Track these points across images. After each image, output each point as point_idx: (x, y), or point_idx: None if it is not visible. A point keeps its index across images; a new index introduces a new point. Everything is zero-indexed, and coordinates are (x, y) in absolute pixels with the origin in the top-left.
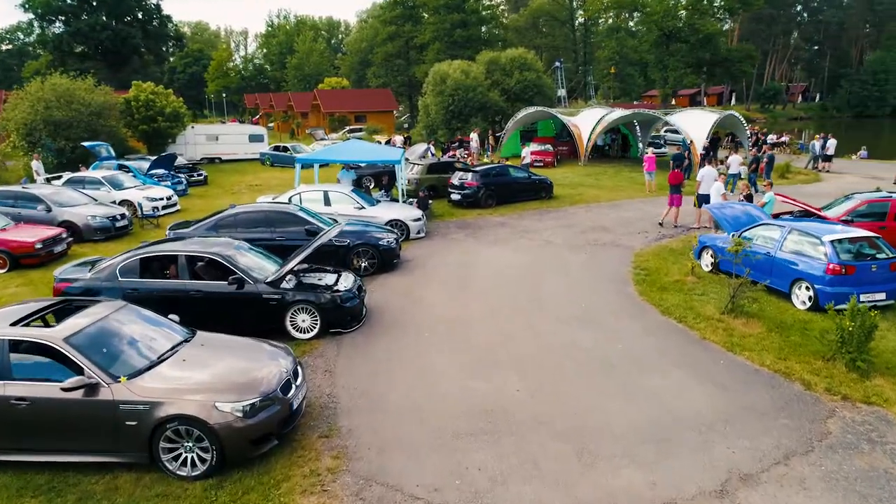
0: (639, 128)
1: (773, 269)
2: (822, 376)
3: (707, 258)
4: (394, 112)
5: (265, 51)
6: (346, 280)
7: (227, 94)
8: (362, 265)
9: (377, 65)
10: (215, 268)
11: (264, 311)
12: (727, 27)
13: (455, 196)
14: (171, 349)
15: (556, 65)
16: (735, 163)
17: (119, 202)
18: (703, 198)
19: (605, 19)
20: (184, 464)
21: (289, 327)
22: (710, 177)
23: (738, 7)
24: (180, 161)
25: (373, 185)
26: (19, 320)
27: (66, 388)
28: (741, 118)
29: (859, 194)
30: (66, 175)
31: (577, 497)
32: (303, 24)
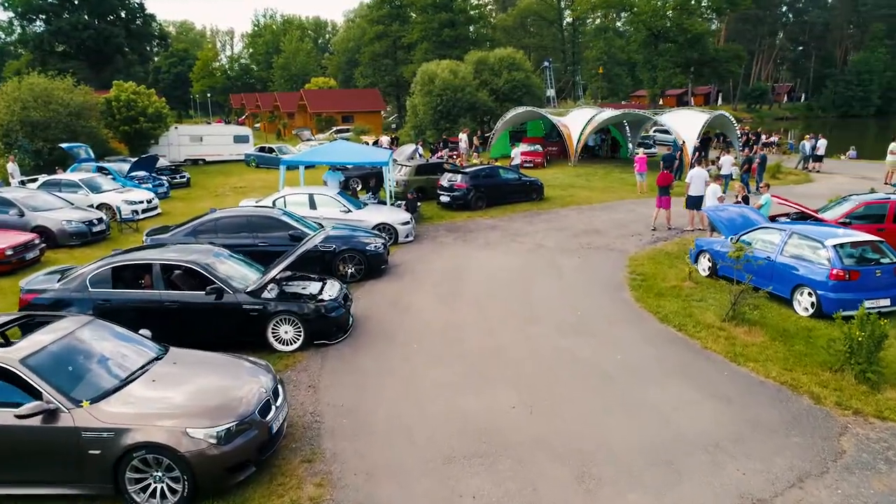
0: (628, 128)
1: (773, 274)
2: (830, 389)
3: (704, 262)
4: (382, 112)
5: (251, 50)
6: (332, 288)
7: (212, 95)
8: (349, 271)
9: (364, 64)
10: (193, 277)
11: (245, 323)
12: (714, 27)
13: (444, 198)
14: (141, 368)
15: (545, 64)
16: (727, 163)
17: (97, 206)
18: (692, 200)
19: (592, 19)
20: (153, 495)
21: (271, 339)
22: (700, 178)
23: (725, 7)
24: (162, 163)
25: (360, 188)
26: None
27: (20, 414)
28: (731, 118)
29: (856, 196)
30: (42, 178)
31: None
32: (289, 24)
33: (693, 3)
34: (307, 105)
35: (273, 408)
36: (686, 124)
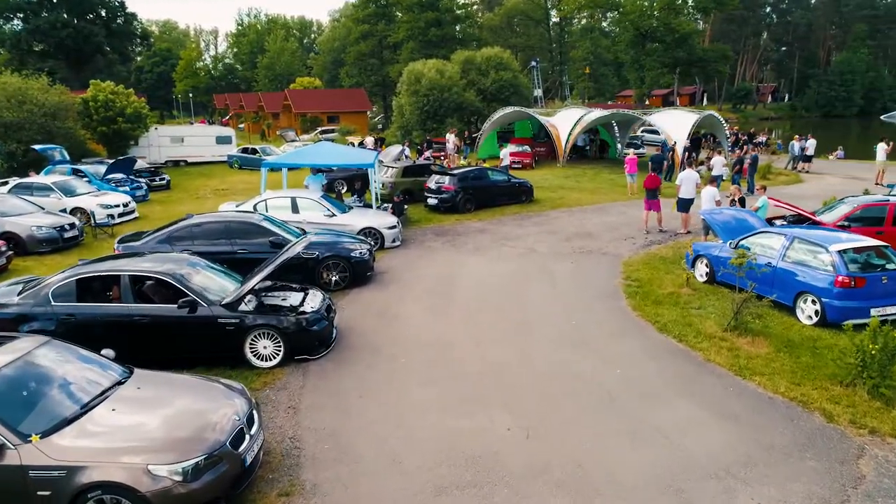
0: (617, 128)
1: (774, 280)
2: (843, 405)
3: (702, 268)
4: (368, 112)
5: (235, 50)
6: (314, 299)
7: (196, 95)
8: (333, 279)
9: (350, 64)
10: (166, 288)
11: (220, 338)
12: (699, 27)
13: (432, 200)
14: (101, 395)
15: (533, 64)
16: (718, 164)
17: (70, 210)
18: (683, 202)
19: (578, 19)
20: None
21: (248, 355)
22: (691, 180)
23: (712, 7)
24: (141, 164)
25: (345, 190)
26: None
27: None
28: (720, 118)
29: (852, 197)
30: (13, 181)
31: None
32: (274, 24)
33: (679, 2)
34: (292, 105)
35: (247, 437)
36: (675, 124)
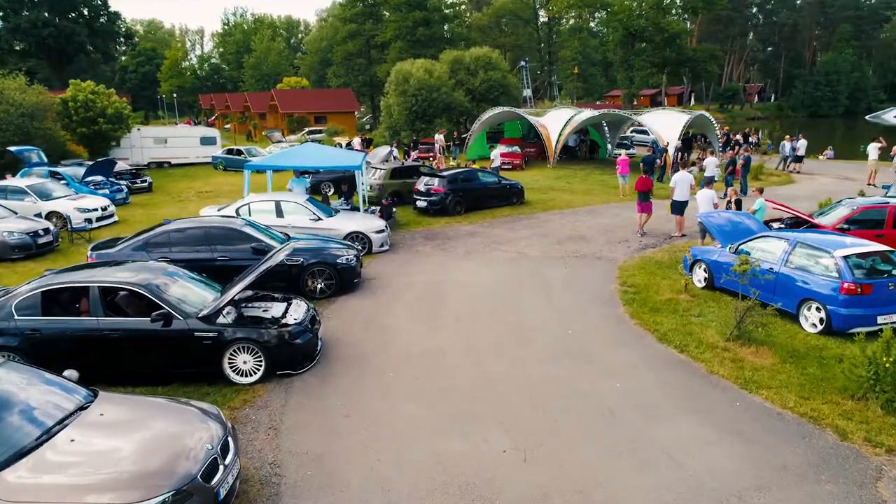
0: (607, 128)
1: (776, 287)
2: (856, 421)
3: (700, 273)
4: (355, 113)
5: (221, 50)
6: (297, 310)
7: (181, 95)
8: (318, 287)
9: (337, 64)
10: (140, 299)
11: (197, 353)
12: (687, 28)
13: (421, 203)
14: (60, 423)
15: (522, 64)
16: (711, 165)
17: (46, 215)
18: (677, 205)
19: (566, 19)
20: None
21: (227, 370)
22: (686, 182)
23: (701, 6)
24: (122, 166)
25: (332, 192)
26: None
27: None
28: (711, 118)
29: (849, 199)
30: None
31: None
32: (260, 23)
33: (668, 1)
34: (278, 105)
35: (221, 467)
36: (666, 125)
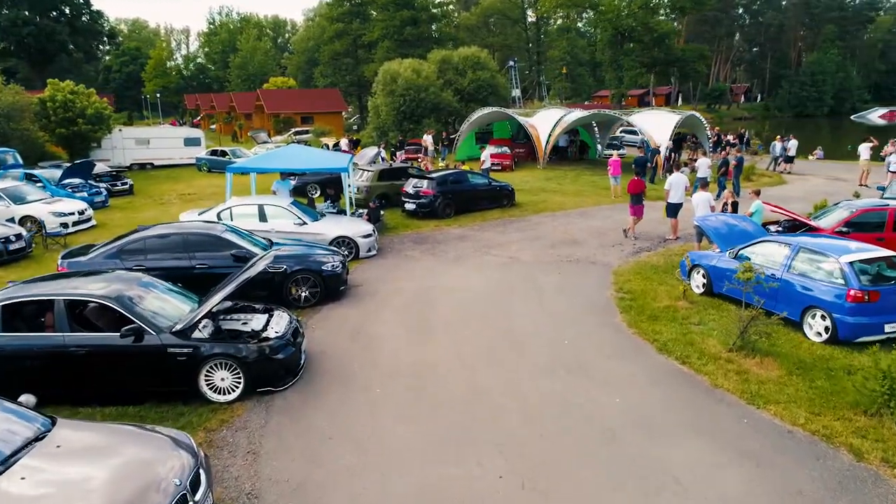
0: (597, 129)
1: (779, 294)
2: (871, 439)
3: (698, 278)
4: (343, 113)
5: (207, 50)
6: (279, 322)
7: (166, 95)
8: (302, 295)
9: (324, 64)
10: (110, 312)
11: (171, 370)
12: (675, 27)
13: (409, 205)
14: (11, 456)
15: (511, 64)
16: (704, 165)
17: (20, 219)
18: (672, 207)
19: (554, 19)
20: None
21: (204, 388)
22: (681, 184)
23: (689, 6)
24: (102, 168)
25: (317, 195)
26: None
27: None
28: (702, 119)
29: (846, 201)
30: None
31: None
32: (246, 23)
33: (656, 1)
34: (264, 106)
35: None
36: (657, 125)
